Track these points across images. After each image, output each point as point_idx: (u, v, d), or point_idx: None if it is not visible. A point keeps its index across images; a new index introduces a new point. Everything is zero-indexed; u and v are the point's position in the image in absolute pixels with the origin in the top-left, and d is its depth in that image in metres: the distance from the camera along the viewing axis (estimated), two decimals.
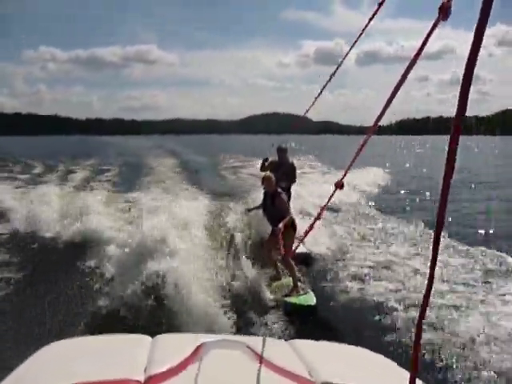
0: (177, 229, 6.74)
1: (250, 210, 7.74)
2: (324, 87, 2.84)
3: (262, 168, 8.12)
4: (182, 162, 26.70)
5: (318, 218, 2.55)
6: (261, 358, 1.55)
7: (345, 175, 2.11)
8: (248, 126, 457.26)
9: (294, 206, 8.11)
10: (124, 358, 1.62)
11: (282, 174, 7.62)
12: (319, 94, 3.05)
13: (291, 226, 6.17)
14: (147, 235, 6.41)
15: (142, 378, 1.42)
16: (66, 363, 1.59)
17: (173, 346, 1.71)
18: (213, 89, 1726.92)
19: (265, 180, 6.44)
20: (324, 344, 1.97)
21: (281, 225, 5.93)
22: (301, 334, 4.80)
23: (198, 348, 1.61)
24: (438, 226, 0.79)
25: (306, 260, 7.62)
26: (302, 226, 6.52)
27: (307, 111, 3.67)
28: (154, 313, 5.25)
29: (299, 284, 6.21)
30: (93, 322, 5.34)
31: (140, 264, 5.93)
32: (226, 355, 1.59)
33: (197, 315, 5.16)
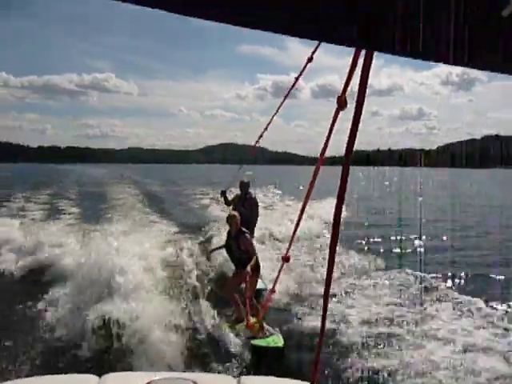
0: (135, 266, 6.58)
1: (212, 251, 7.68)
2: (274, 115, 3.11)
3: (227, 202, 8.11)
4: (145, 192, 26.57)
5: (273, 288, 2.69)
6: None
7: (289, 248, 2.20)
8: (206, 155, 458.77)
9: (256, 237, 8.23)
10: None
11: (245, 209, 7.66)
12: (270, 122, 3.28)
13: (255, 266, 6.02)
14: (105, 271, 6.28)
15: None
16: None
17: None
18: (171, 119, 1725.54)
19: (230, 219, 6.25)
20: (267, 379, 1.98)
21: (248, 268, 5.79)
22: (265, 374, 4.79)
23: None
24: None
25: (261, 295, 7.45)
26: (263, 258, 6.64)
27: (260, 138, 4.00)
28: (105, 353, 5.10)
29: (265, 325, 5.91)
30: (42, 360, 5.14)
31: (95, 301, 5.80)
32: None
33: (151, 358, 4.97)
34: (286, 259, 2.25)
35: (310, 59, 1.97)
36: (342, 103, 1.05)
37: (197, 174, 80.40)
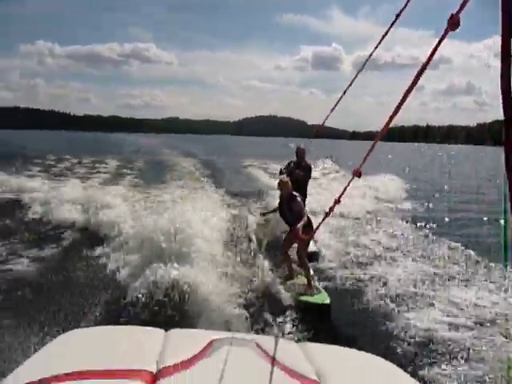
0: (195, 228, 6.82)
1: (264, 214, 8.09)
2: (340, 98, 2.93)
3: (281, 172, 8.46)
4: (202, 162, 27.01)
5: (331, 209, 2.68)
6: (269, 357, 1.59)
7: (363, 163, 2.18)
8: (245, 127, 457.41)
9: (309, 204, 8.40)
10: (138, 349, 1.66)
11: (301, 172, 8.21)
12: (336, 104, 3.07)
13: (307, 226, 6.22)
14: (166, 232, 6.52)
15: (154, 370, 1.46)
16: (80, 352, 1.63)
17: (185, 341, 1.75)
18: (210, 89, 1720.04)
19: (281, 184, 6.59)
20: (334, 348, 1.98)
21: (299, 224, 6.02)
22: (313, 335, 4.95)
23: (208, 344, 1.66)
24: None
25: (315, 258, 7.83)
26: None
27: (325, 120, 3.65)
28: (170, 308, 5.31)
29: (313, 283, 6.30)
30: (108, 313, 5.48)
31: (157, 261, 6.00)
32: (236, 352, 1.61)
33: (211, 313, 5.22)
34: (357, 173, 2.29)
35: (399, 14, 1.85)
36: (455, 23, 0.97)
37: (243, 145, 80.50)
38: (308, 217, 6.41)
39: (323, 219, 2.81)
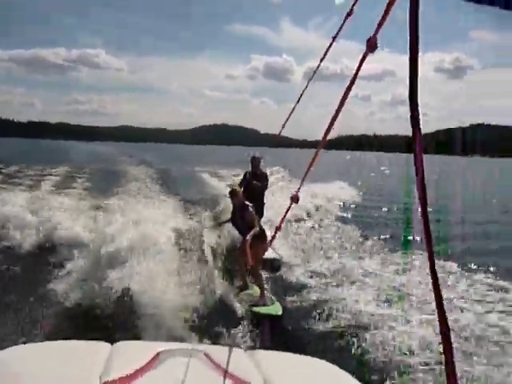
0: (145, 237, 6.77)
1: (220, 224, 8.06)
2: (294, 107, 2.78)
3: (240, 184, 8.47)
4: (156, 171, 26.34)
5: (278, 228, 2.70)
6: (218, 367, 1.56)
7: (299, 189, 2.27)
8: (199, 135, 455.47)
9: (266, 215, 8.44)
10: (81, 364, 1.61)
11: (257, 183, 8.17)
12: (290, 114, 2.91)
13: (260, 236, 6.21)
14: (118, 243, 6.46)
15: None
16: (21, 369, 1.57)
17: (131, 354, 1.71)
18: (162, 97, 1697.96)
19: (232, 193, 6.60)
20: (282, 355, 2.00)
21: (248, 236, 6.00)
22: (265, 345, 4.94)
23: (155, 356, 1.63)
24: None
25: (275, 265, 7.85)
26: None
27: (282, 129, 3.36)
28: (117, 321, 5.20)
29: (266, 294, 6.26)
30: (54, 327, 5.22)
31: (107, 271, 5.94)
32: (183, 363, 1.58)
33: (161, 325, 5.14)
34: (294, 199, 2.39)
35: (350, 13, 1.64)
36: (373, 44, 0.98)
37: (197, 153, 79.98)
38: (261, 227, 6.44)
39: (286, 212, 2.88)
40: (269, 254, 7.73)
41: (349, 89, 1.20)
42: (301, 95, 2.52)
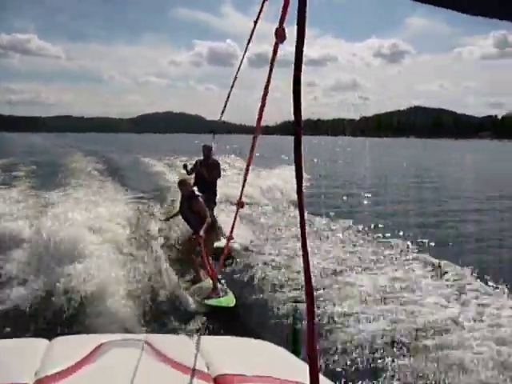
0: (94, 231, 6.59)
1: (167, 219, 7.72)
2: (230, 92, 2.80)
3: (188, 172, 8.34)
4: (102, 161, 25.63)
5: (230, 234, 3.17)
6: (160, 355, 1.56)
7: (241, 194, 2.38)
8: (142, 124, 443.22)
9: (220, 198, 8.51)
10: (16, 362, 1.54)
11: (208, 171, 8.07)
12: (227, 100, 2.97)
13: (212, 227, 6.07)
14: (63, 236, 6.23)
15: (30, 382, 1.35)
16: None
17: (70, 348, 1.65)
18: (103, 85, 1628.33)
19: (180, 184, 6.43)
20: (225, 338, 2.01)
21: (201, 232, 5.86)
22: (218, 334, 4.76)
23: (96, 348, 1.58)
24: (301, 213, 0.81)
25: (229, 257, 7.68)
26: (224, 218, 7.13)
27: (222, 115, 3.55)
28: (58, 316, 5.02)
29: (219, 286, 6.10)
30: None
31: (55, 266, 5.79)
32: (124, 353, 1.56)
33: (107, 319, 4.96)
34: (240, 205, 2.52)
35: (256, 21, 1.79)
36: (280, 35, 1.03)
37: (143, 142, 78.04)
38: (213, 217, 6.31)
39: (234, 219, 3.07)
40: (221, 243, 7.55)
41: (269, 77, 1.27)
42: (234, 80, 2.54)
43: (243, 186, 2.32)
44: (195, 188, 7.43)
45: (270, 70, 1.25)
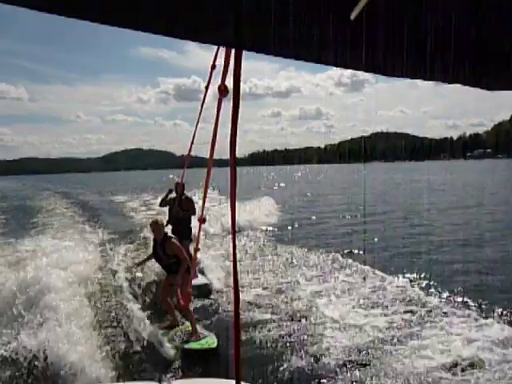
0: (56, 281, 6.33)
1: (139, 264, 7.22)
2: (196, 125, 2.87)
3: (161, 203, 8.18)
4: (74, 202, 25.27)
5: (198, 234, 3.19)
6: None
7: (202, 211, 2.62)
8: (111, 162, 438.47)
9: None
10: None
11: (181, 209, 7.82)
12: (194, 132, 3.04)
13: (187, 271, 5.78)
14: (27, 286, 6.10)
15: None
16: None
17: None
18: (69, 125, 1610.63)
19: (153, 225, 6.00)
20: (193, 381, 2.05)
21: (178, 276, 5.66)
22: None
23: None
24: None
25: (205, 290, 7.48)
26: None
27: (190, 151, 3.60)
28: (30, 373, 4.71)
29: (198, 328, 5.84)
30: None
31: (19, 319, 5.52)
32: None
33: (78, 379, 4.58)
34: (202, 220, 2.72)
35: (213, 67, 1.91)
36: (222, 90, 1.16)
37: (113, 180, 77.30)
38: (189, 253, 6.20)
39: (198, 233, 3.26)
40: (198, 280, 7.44)
41: (216, 126, 1.50)
42: (199, 115, 2.63)
43: (204, 203, 2.51)
44: (168, 226, 7.30)
45: (216, 122, 1.43)
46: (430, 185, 34.31)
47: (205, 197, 2.40)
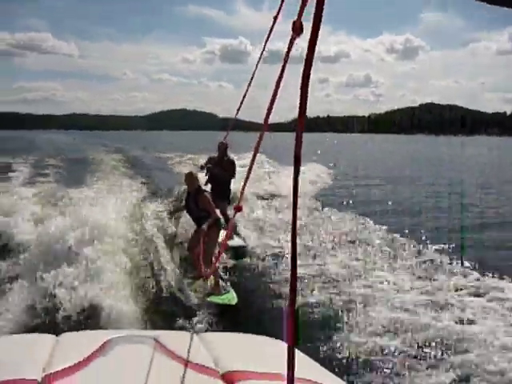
0: (101, 227, 6.57)
1: (174, 212, 7.50)
2: (247, 90, 2.75)
3: (201, 168, 8.00)
4: (129, 158, 25.88)
5: (231, 222, 3.22)
6: (168, 352, 1.55)
7: (241, 198, 2.31)
8: (156, 121, 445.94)
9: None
10: (23, 357, 1.54)
11: (222, 169, 7.70)
12: (243, 97, 2.91)
13: (216, 225, 5.91)
14: (66, 237, 6.27)
15: (38, 377, 1.34)
16: None
17: (78, 344, 1.64)
18: (116, 83, 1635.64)
19: (186, 178, 6.08)
20: (229, 335, 2.04)
21: (204, 226, 5.71)
22: (220, 330, 4.76)
23: (103, 344, 1.57)
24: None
25: (241, 252, 7.54)
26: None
27: (237, 113, 3.42)
28: (64, 313, 5.00)
29: (221, 283, 6.01)
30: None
31: (57, 265, 5.75)
32: (132, 350, 1.56)
33: (110, 315, 4.91)
34: (237, 209, 2.38)
35: (275, 17, 1.66)
36: (297, 28, 0.96)
37: (159, 139, 78.82)
38: (226, 215, 6.29)
39: (231, 220, 3.18)
40: (234, 241, 7.57)
41: (282, 72, 1.20)
42: (251, 78, 2.48)
43: (243, 190, 2.09)
44: (209, 185, 7.42)
45: (284, 64, 1.20)
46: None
47: (248, 177, 1.93)
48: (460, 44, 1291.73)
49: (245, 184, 1.92)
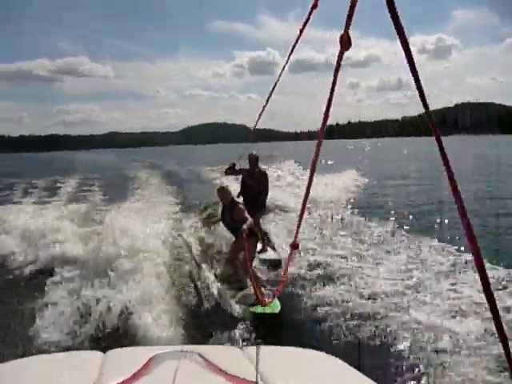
0: (138, 243, 6.72)
1: (210, 224, 7.66)
2: (268, 98, 2.78)
3: (227, 171, 7.79)
4: (166, 174, 26.66)
5: (288, 261, 2.85)
6: (213, 366, 1.54)
7: (297, 234, 2.14)
8: (189, 136, 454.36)
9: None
10: (72, 374, 1.56)
11: (253, 181, 7.58)
12: (265, 105, 2.94)
13: (254, 234, 5.93)
14: (109, 253, 6.44)
15: None
16: (17, 382, 1.53)
17: (124, 360, 1.67)
18: (149, 100, 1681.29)
19: (219, 192, 6.16)
20: (278, 349, 1.97)
21: (245, 226, 5.69)
22: (265, 342, 4.56)
23: (149, 360, 1.58)
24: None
25: (277, 266, 7.50)
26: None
27: (257, 123, 3.52)
28: (110, 329, 5.06)
29: (263, 291, 5.88)
30: (42, 341, 4.91)
31: (96, 281, 5.91)
32: (178, 365, 1.54)
33: (154, 331, 4.91)
34: (294, 246, 2.21)
35: (315, 6, 1.58)
36: (345, 42, 0.96)
37: (191, 153, 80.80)
38: (259, 225, 6.30)
39: (288, 260, 2.84)
40: (269, 254, 7.65)
41: (333, 84, 1.22)
42: (273, 88, 2.50)
43: (299, 223, 1.98)
44: (240, 198, 7.40)
45: (335, 76, 1.21)
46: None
47: (308, 192, 1.84)
48: (495, 40, 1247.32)
49: (304, 205, 1.88)
